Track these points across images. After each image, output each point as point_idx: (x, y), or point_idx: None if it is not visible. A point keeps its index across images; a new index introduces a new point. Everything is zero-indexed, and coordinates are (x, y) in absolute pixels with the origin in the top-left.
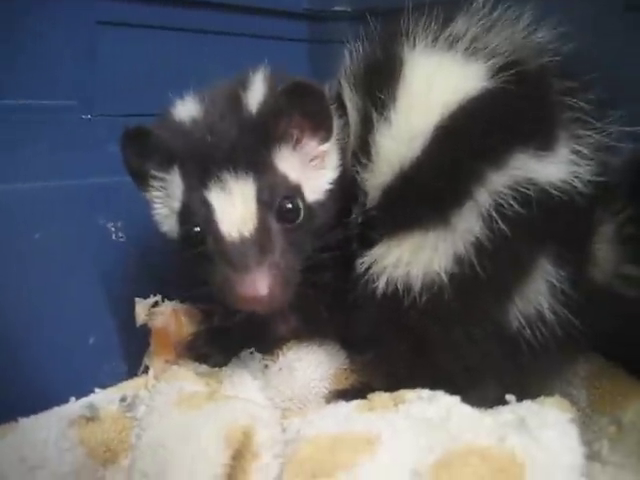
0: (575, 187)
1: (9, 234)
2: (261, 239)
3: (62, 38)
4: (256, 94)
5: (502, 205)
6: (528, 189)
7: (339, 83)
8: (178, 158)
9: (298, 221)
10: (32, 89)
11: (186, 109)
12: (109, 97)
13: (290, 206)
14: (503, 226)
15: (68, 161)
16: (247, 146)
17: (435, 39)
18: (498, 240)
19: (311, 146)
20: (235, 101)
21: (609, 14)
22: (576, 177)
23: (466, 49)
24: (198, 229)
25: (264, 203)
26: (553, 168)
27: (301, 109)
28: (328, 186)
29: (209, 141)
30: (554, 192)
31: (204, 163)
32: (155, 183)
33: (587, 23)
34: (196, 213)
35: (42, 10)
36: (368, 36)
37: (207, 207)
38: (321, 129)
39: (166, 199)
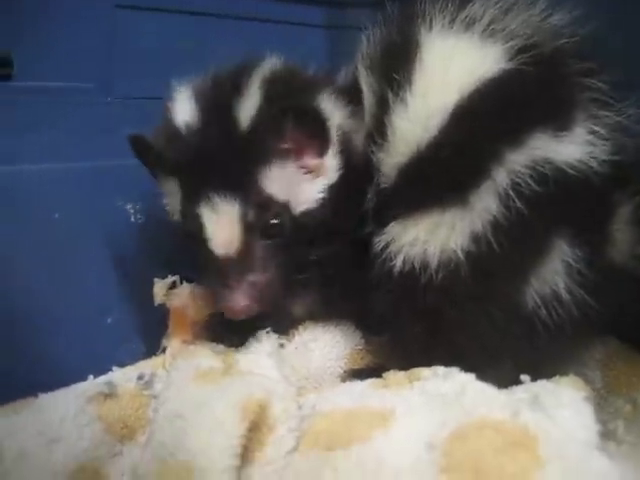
0: (592, 167)
1: (29, 214)
2: (243, 259)
3: (81, 21)
4: (249, 105)
5: (519, 184)
6: (545, 168)
7: (356, 67)
8: (175, 171)
9: (283, 236)
10: (51, 71)
11: (183, 111)
12: (128, 80)
13: (275, 222)
14: (520, 205)
15: (87, 143)
16: (236, 167)
17: (452, 21)
18: (515, 219)
19: (306, 159)
20: (228, 112)
21: None
22: (593, 157)
23: (483, 31)
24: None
25: (249, 224)
26: (571, 148)
27: (295, 128)
28: (321, 194)
29: (201, 159)
30: (571, 172)
31: (197, 181)
32: (162, 182)
33: (602, 5)
34: (192, 223)
35: None
36: (385, 21)
37: (199, 223)
38: (317, 145)
39: (172, 198)
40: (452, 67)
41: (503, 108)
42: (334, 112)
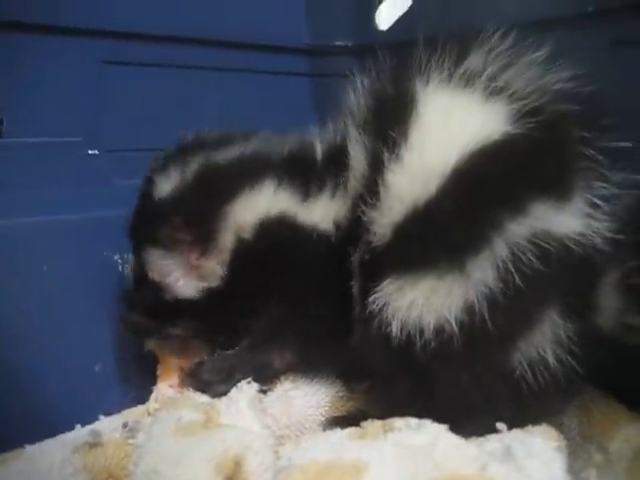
0: (591, 240)
1: (19, 266)
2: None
3: (69, 77)
4: (161, 186)
5: (520, 258)
6: (547, 242)
7: (344, 124)
8: None
9: (156, 306)
10: (41, 127)
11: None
12: (115, 133)
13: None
14: (518, 281)
15: (76, 195)
16: (134, 238)
17: (450, 75)
18: (511, 293)
19: (189, 256)
20: (147, 186)
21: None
22: (594, 231)
23: (485, 88)
24: None
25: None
26: (571, 220)
27: (183, 219)
28: (200, 293)
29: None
30: (572, 246)
31: None
32: None
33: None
34: None
35: (50, 50)
36: (375, 71)
37: None
38: (198, 247)
39: None
40: (452, 125)
41: (506, 175)
42: (274, 198)
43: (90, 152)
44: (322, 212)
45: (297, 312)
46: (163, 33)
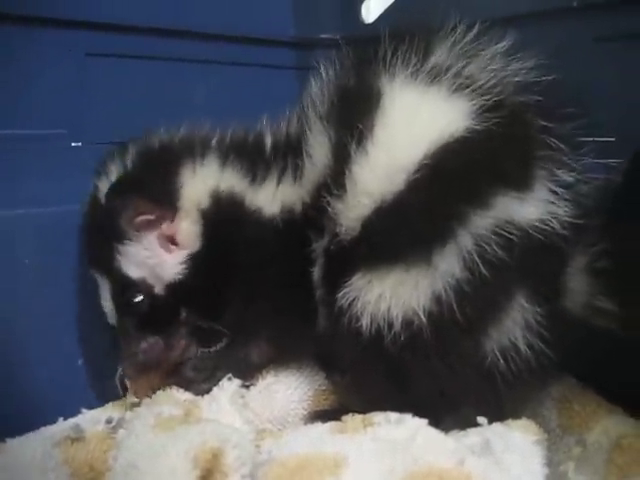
0: (553, 227)
1: (0, 259)
2: (120, 332)
3: (52, 69)
4: (104, 187)
5: (484, 249)
6: (510, 232)
7: (304, 113)
8: None
9: (145, 312)
10: (24, 119)
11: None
12: (98, 125)
13: (135, 301)
14: (484, 270)
15: (59, 188)
16: (99, 246)
17: (416, 71)
18: (478, 282)
19: (161, 229)
20: (95, 192)
21: (579, 44)
22: (554, 217)
23: (450, 85)
24: None
25: (117, 300)
26: (533, 209)
27: (138, 201)
28: (184, 264)
29: (83, 240)
30: (534, 233)
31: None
32: None
33: (558, 53)
34: None
35: (33, 42)
36: (339, 64)
37: None
38: (165, 212)
39: None
40: (418, 120)
41: (471, 169)
42: (221, 175)
43: (74, 144)
44: (269, 195)
45: (262, 295)
46: (148, 25)
